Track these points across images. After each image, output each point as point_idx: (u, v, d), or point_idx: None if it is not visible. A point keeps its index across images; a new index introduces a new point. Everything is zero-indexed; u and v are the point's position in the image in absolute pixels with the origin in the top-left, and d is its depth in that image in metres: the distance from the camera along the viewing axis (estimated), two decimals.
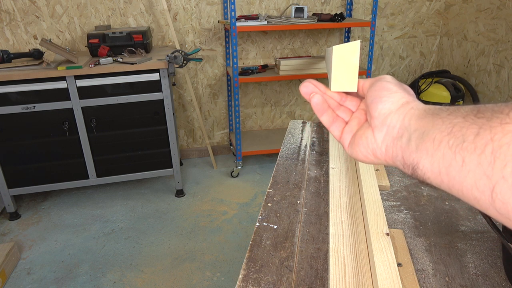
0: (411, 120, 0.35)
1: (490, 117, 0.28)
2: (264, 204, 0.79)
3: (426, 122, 0.33)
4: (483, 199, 0.28)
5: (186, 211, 2.37)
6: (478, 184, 0.28)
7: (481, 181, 0.28)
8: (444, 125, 0.31)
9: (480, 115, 0.29)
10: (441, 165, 0.31)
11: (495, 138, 0.27)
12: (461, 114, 0.31)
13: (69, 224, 2.25)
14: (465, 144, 0.28)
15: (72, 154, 2.26)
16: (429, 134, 0.32)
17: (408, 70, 3.25)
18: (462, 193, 0.30)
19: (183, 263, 1.92)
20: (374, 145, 0.38)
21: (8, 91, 2.03)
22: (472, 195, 0.29)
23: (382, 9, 2.97)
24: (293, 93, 3.11)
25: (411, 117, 0.35)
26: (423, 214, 0.77)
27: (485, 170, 0.27)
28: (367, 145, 0.39)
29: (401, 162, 0.36)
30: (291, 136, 1.17)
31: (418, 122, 0.34)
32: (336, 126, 0.44)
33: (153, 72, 2.18)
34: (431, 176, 0.32)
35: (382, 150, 0.38)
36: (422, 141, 0.32)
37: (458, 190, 0.30)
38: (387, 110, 0.38)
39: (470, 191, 0.29)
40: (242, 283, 0.58)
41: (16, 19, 2.46)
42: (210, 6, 2.71)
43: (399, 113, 0.37)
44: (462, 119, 0.30)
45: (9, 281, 1.81)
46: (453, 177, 0.30)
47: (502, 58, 2.56)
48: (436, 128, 0.32)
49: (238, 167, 2.77)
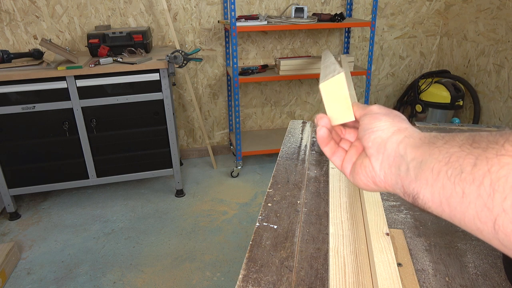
0: (406, 149, 0.36)
1: (486, 147, 0.29)
2: (264, 204, 0.79)
3: (423, 151, 0.34)
4: (486, 230, 0.28)
5: (186, 211, 2.37)
6: (480, 216, 0.28)
7: (482, 212, 0.28)
8: (441, 154, 0.32)
9: (475, 145, 0.29)
10: (442, 195, 0.31)
11: (492, 170, 0.27)
12: (456, 143, 0.31)
13: (69, 224, 2.25)
14: (464, 175, 0.29)
15: (72, 154, 2.26)
16: (427, 164, 0.32)
17: (408, 70, 3.25)
18: (465, 223, 0.30)
19: (183, 263, 1.92)
20: (372, 173, 0.39)
21: (8, 91, 2.03)
22: (475, 226, 0.29)
23: (382, 9, 2.97)
24: (293, 93, 3.11)
25: (406, 145, 0.36)
26: (423, 214, 0.77)
27: (485, 202, 0.27)
28: (367, 173, 0.40)
29: (401, 190, 0.36)
30: (291, 136, 1.17)
31: (415, 151, 0.35)
32: (337, 157, 0.46)
33: (153, 72, 2.18)
34: (432, 206, 0.33)
35: (381, 178, 0.39)
36: (421, 170, 0.33)
37: (461, 220, 0.30)
38: (380, 139, 0.39)
39: (473, 222, 0.29)
40: (242, 283, 0.58)
41: (16, 19, 2.46)
42: (210, 6, 2.71)
43: (392, 141, 0.38)
44: (458, 148, 0.31)
45: (9, 281, 1.81)
46: (454, 208, 0.30)
47: (502, 58, 2.56)
48: (433, 157, 0.32)
49: (238, 167, 2.77)
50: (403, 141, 0.37)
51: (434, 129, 1.24)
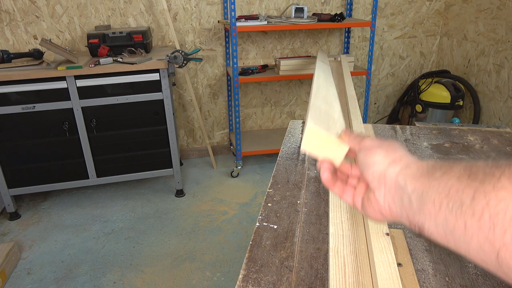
0: (406, 180, 0.37)
1: (483, 180, 0.30)
2: (264, 204, 0.79)
3: (422, 182, 0.35)
4: (490, 262, 0.29)
5: (186, 211, 2.37)
6: (483, 248, 0.29)
7: (485, 245, 0.29)
8: (440, 186, 0.33)
9: (472, 177, 0.31)
10: (446, 228, 0.32)
11: (490, 203, 0.28)
12: (454, 175, 0.32)
13: (69, 224, 2.25)
14: (464, 208, 0.30)
15: (72, 154, 2.26)
16: (428, 196, 0.34)
17: (408, 70, 3.25)
18: (470, 255, 0.31)
19: (183, 263, 1.92)
20: (379, 205, 0.41)
21: (8, 91, 2.03)
22: (479, 257, 0.30)
23: (382, 9, 2.97)
24: (293, 93, 3.11)
25: (405, 177, 0.37)
26: None
27: (487, 235, 0.28)
28: (374, 206, 0.41)
29: (407, 221, 0.37)
30: (291, 136, 1.17)
31: (414, 182, 0.36)
32: (347, 195, 0.47)
33: (153, 72, 2.18)
34: (438, 237, 0.34)
35: (386, 210, 0.40)
36: (423, 203, 0.34)
37: (465, 251, 0.31)
38: (377, 172, 0.40)
39: (477, 254, 0.30)
40: (242, 283, 0.57)
41: (16, 19, 2.46)
42: (210, 6, 2.71)
43: (389, 173, 0.39)
44: (457, 180, 0.32)
45: (9, 281, 1.81)
46: (458, 240, 0.31)
47: (502, 58, 2.56)
48: (433, 189, 0.33)
49: (238, 167, 2.77)
50: (401, 172, 0.38)
51: (434, 129, 1.24)
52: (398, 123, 3.26)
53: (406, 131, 1.23)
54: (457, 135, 1.19)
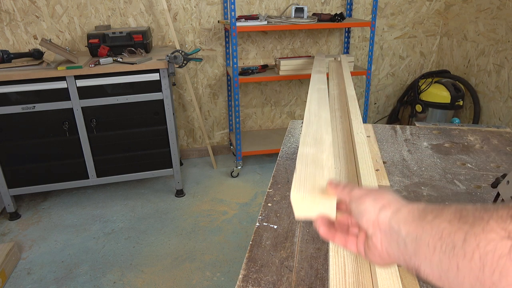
0: (399, 225, 0.39)
1: (473, 223, 0.32)
2: (264, 204, 0.79)
3: (415, 226, 0.37)
4: None
5: (186, 211, 2.37)
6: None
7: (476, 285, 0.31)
8: (433, 230, 0.35)
9: (463, 220, 0.33)
10: (440, 270, 0.34)
11: (480, 245, 0.30)
12: (446, 218, 0.35)
13: (69, 224, 2.25)
14: (456, 250, 0.32)
15: (72, 154, 2.26)
16: (422, 239, 0.36)
17: (408, 70, 3.25)
18: None
19: (183, 263, 1.92)
20: (378, 251, 0.42)
21: (8, 91, 2.03)
22: None
23: (382, 9, 2.97)
24: (293, 93, 3.11)
25: (398, 221, 0.39)
26: None
27: (477, 275, 0.30)
28: (374, 252, 0.43)
29: (405, 264, 0.39)
30: (291, 136, 1.17)
31: (407, 226, 0.38)
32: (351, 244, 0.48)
33: (153, 72, 2.18)
34: (433, 279, 0.36)
35: (385, 254, 0.42)
36: (418, 246, 0.36)
37: None
38: (370, 220, 0.42)
39: None
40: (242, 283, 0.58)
41: (16, 19, 2.46)
42: (210, 6, 2.71)
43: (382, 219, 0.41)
44: (448, 223, 0.34)
45: (9, 281, 1.81)
46: (452, 282, 0.33)
47: (502, 58, 2.56)
48: (426, 233, 0.35)
49: (238, 167, 2.77)
50: (393, 217, 0.40)
51: (434, 129, 1.24)
52: (398, 123, 3.26)
53: (406, 131, 1.23)
54: (457, 135, 1.19)
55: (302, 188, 0.50)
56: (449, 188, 0.88)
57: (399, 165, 0.99)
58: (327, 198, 0.48)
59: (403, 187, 0.88)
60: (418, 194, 0.85)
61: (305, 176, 0.54)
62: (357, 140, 0.96)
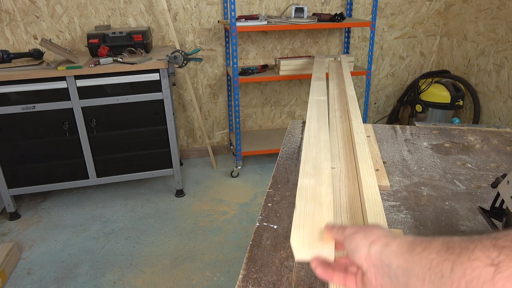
0: (390, 258, 0.41)
1: (459, 253, 0.34)
2: (264, 204, 0.79)
3: (405, 259, 0.39)
4: None
5: (186, 211, 2.37)
6: None
7: None
8: (422, 261, 0.37)
9: (450, 251, 0.35)
10: None
11: (466, 273, 0.33)
12: (434, 250, 0.37)
13: (69, 224, 2.25)
14: (444, 279, 0.34)
15: (72, 154, 2.26)
16: (412, 271, 0.38)
17: (408, 70, 3.25)
18: None
19: (183, 263, 1.92)
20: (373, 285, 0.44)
21: (8, 91, 2.03)
22: None
23: (382, 9, 2.97)
24: (293, 93, 3.11)
25: (389, 255, 0.41)
26: (423, 214, 0.77)
27: None
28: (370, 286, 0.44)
29: None
30: (291, 136, 1.17)
31: (397, 259, 0.40)
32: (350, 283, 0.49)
33: (153, 72, 2.18)
34: None
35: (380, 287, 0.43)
36: (408, 278, 0.38)
37: None
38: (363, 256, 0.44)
39: None
40: (242, 283, 0.58)
41: (16, 19, 2.46)
42: (210, 6, 2.71)
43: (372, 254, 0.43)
44: (436, 255, 0.36)
45: (9, 281, 1.81)
46: None
47: (502, 58, 2.56)
48: (416, 264, 0.37)
49: (238, 167, 2.77)
50: (384, 251, 0.42)
51: (434, 129, 1.25)
52: (398, 123, 3.26)
53: (406, 131, 1.23)
54: (457, 135, 1.19)
55: (301, 233, 0.53)
56: (449, 188, 0.88)
57: (399, 165, 0.99)
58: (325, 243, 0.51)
59: (403, 187, 0.88)
60: (418, 194, 0.85)
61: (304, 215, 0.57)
62: (357, 140, 0.96)
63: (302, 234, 0.52)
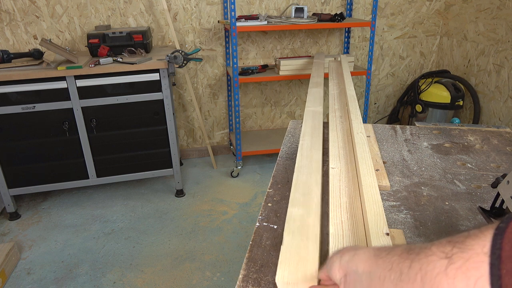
0: (357, 264, 0.42)
1: (419, 252, 0.35)
2: (264, 204, 0.79)
3: (370, 264, 0.41)
4: None
5: (186, 211, 2.37)
6: None
7: None
8: (385, 263, 0.38)
9: (411, 252, 0.36)
10: None
11: (422, 267, 0.34)
12: (397, 253, 0.38)
13: (69, 224, 2.25)
14: (403, 277, 0.35)
15: (72, 154, 2.26)
16: (375, 273, 0.39)
17: (408, 70, 3.25)
18: None
19: (183, 263, 1.92)
20: None
21: (8, 91, 2.03)
22: None
23: (382, 9, 2.97)
24: (293, 93, 3.11)
25: (356, 262, 0.43)
26: (423, 214, 0.77)
27: None
28: None
29: None
30: (291, 136, 1.17)
31: (363, 264, 0.42)
32: None
33: (153, 72, 2.18)
34: None
35: None
36: (371, 280, 0.39)
37: None
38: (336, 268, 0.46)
39: None
40: (242, 283, 0.57)
41: (16, 19, 2.46)
42: (210, 6, 2.71)
43: (343, 262, 0.45)
44: (398, 257, 0.37)
45: (9, 281, 1.81)
46: None
47: (502, 58, 2.56)
48: (379, 267, 0.39)
49: (238, 167, 2.77)
50: (352, 259, 0.44)
51: (434, 129, 1.25)
52: (398, 123, 3.26)
53: (406, 131, 1.23)
54: (457, 135, 1.19)
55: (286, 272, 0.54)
56: (449, 188, 0.88)
57: (399, 165, 0.99)
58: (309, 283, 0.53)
59: (403, 187, 0.88)
60: (418, 194, 0.85)
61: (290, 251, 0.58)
62: (357, 140, 0.96)
63: (287, 274, 0.54)
